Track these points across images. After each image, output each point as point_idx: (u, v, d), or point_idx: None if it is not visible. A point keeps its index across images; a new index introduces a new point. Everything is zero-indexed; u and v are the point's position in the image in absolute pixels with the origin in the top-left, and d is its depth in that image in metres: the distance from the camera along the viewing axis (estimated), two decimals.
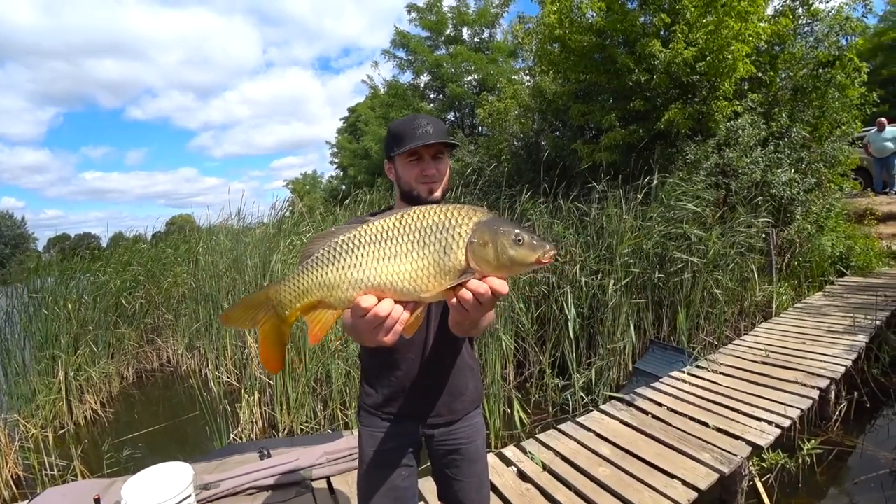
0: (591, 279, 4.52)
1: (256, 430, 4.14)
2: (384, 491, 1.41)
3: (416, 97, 12.60)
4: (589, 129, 6.43)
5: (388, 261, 0.66)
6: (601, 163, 5.43)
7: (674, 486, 2.25)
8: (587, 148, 5.70)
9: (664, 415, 3.00)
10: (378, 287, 0.65)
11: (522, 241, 0.64)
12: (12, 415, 4.14)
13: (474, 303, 0.67)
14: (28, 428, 4.04)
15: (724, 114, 5.20)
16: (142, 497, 2.15)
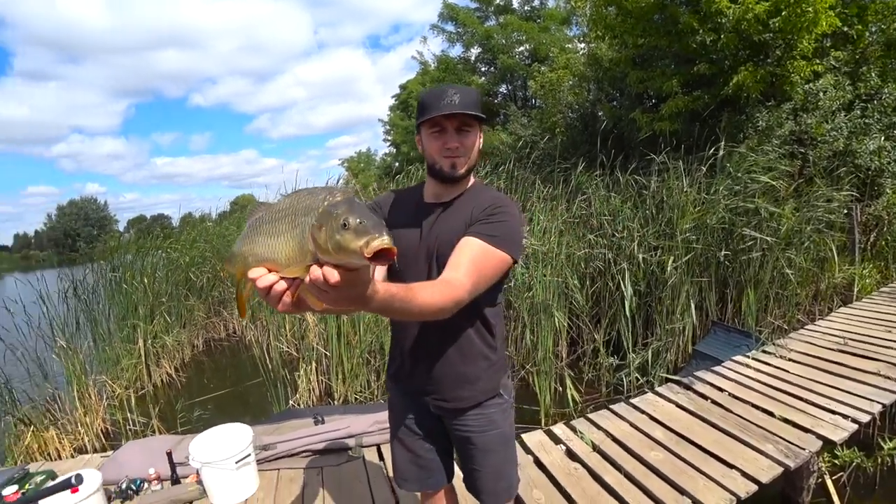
0: (650, 255, 4.30)
1: (313, 398, 4.33)
2: (410, 458, 1.43)
3: (467, 71, 12.36)
4: (648, 98, 6.03)
5: (273, 238, 0.68)
6: (661, 132, 5.08)
7: (732, 477, 2.13)
8: (646, 117, 5.36)
9: (725, 401, 2.83)
10: (265, 261, 0.68)
11: (348, 226, 0.59)
12: (101, 376, 4.57)
13: (314, 288, 0.63)
14: (114, 388, 4.46)
15: (802, 75, 4.69)
16: (207, 453, 2.32)
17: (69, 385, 4.14)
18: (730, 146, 4.53)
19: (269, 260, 0.68)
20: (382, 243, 0.58)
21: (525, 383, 3.96)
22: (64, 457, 3.49)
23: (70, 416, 3.87)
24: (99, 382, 4.45)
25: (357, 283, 0.63)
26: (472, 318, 1.25)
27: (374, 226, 0.58)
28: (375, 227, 0.58)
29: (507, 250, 1.14)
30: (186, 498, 2.39)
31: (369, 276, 0.65)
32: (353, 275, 0.61)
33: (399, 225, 1.29)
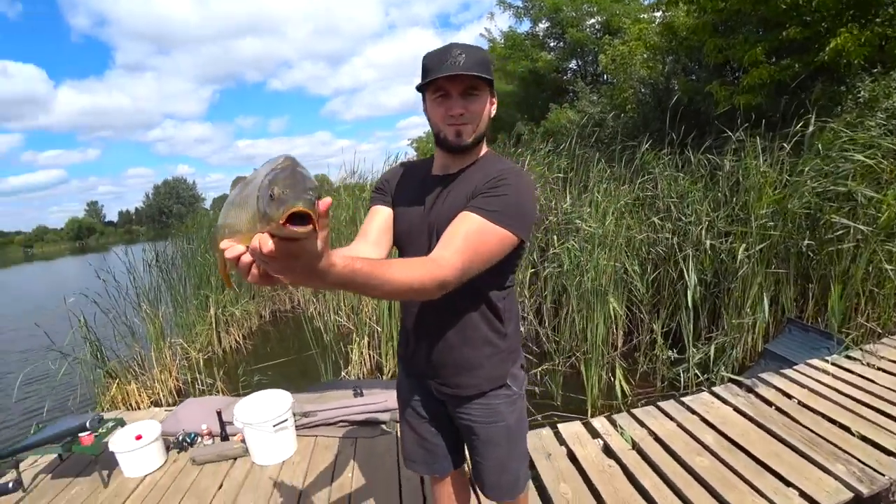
0: (719, 242, 3.94)
1: (364, 371, 4.47)
2: (416, 440, 1.39)
3: (535, 47, 11.86)
4: (729, 69, 5.44)
5: (237, 209, 0.65)
6: (741, 107, 4.57)
7: (787, 496, 1.89)
8: (725, 90, 4.83)
9: (791, 409, 2.52)
10: (235, 234, 0.65)
11: (273, 196, 0.55)
12: (178, 339, 5.02)
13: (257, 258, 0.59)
14: (188, 350, 4.88)
15: None
16: (248, 415, 2.46)
17: (151, 346, 4.59)
18: (821, 121, 3.98)
19: (238, 232, 0.66)
20: (296, 207, 0.53)
21: (575, 370, 3.82)
22: (142, 408, 3.89)
23: (149, 373, 4.29)
24: (175, 345, 4.89)
25: (299, 254, 0.59)
26: (475, 302, 1.17)
27: (294, 195, 0.54)
28: (296, 195, 0.54)
29: (508, 227, 1.01)
30: (232, 454, 2.57)
31: (315, 247, 0.60)
32: (293, 245, 0.57)
33: (404, 200, 1.23)
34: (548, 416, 3.23)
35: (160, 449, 2.58)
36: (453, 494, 1.51)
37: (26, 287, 19.05)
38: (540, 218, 4.78)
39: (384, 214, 1.24)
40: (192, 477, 2.43)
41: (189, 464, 2.54)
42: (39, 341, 4.57)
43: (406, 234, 1.21)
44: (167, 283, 6.05)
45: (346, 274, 0.70)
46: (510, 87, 12.58)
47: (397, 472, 2.29)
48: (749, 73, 4.63)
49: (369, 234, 1.20)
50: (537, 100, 11.73)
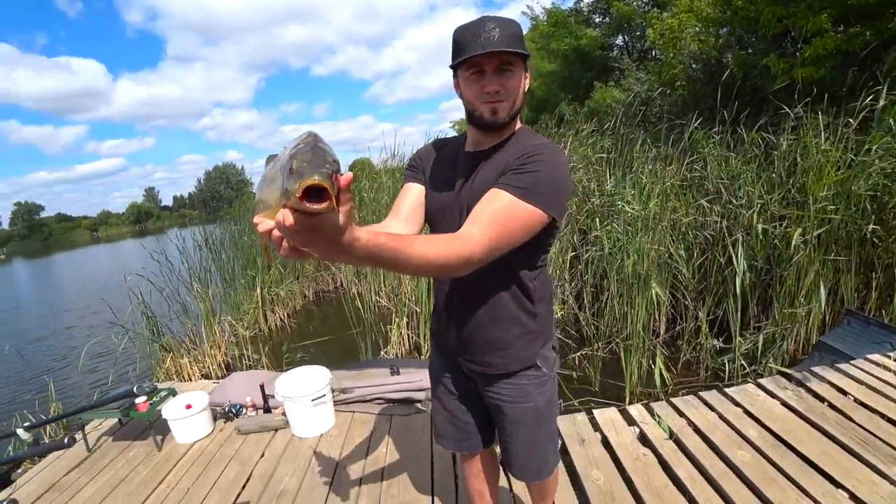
0: (772, 227, 3.71)
1: (402, 350, 4.56)
2: (447, 416, 1.42)
3: (580, 23, 11.44)
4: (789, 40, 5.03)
5: (269, 185, 0.66)
6: (802, 80, 4.23)
7: (835, 498, 1.77)
8: (784, 63, 4.48)
9: (846, 406, 2.36)
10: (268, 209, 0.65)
11: (292, 171, 0.56)
12: (227, 317, 5.28)
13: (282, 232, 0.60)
14: (236, 328, 5.13)
15: None
16: (289, 389, 2.57)
17: (202, 322, 4.86)
18: (894, 94, 3.63)
19: (269, 207, 0.69)
20: (312, 181, 0.54)
21: (614, 356, 3.75)
22: (193, 380, 4.14)
23: (200, 348, 4.54)
24: (224, 322, 5.15)
25: (321, 227, 0.60)
26: (505, 281, 1.16)
27: (310, 169, 0.55)
28: (312, 169, 0.55)
29: (538, 204, 0.98)
30: (273, 426, 2.69)
31: (336, 221, 0.61)
32: (314, 219, 0.58)
33: (436, 177, 1.22)
34: (584, 402, 3.20)
35: (208, 418, 2.75)
36: (482, 472, 1.53)
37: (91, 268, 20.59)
38: (581, 199, 4.66)
39: (416, 192, 1.24)
40: (236, 445, 2.57)
41: (234, 433, 2.68)
42: (103, 317, 4.94)
43: (437, 211, 1.21)
44: (217, 263, 6.37)
45: (371, 248, 0.71)
46: (553, 66, 12.22)
47: (430, 450, 2.33)
48: (812, 43, 4.28)
49: (401, 211, 1.21)
50: (581, 79, 11.34)
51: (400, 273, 1.22)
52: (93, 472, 2.45)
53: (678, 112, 6.02)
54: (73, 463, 2.54)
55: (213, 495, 2.18)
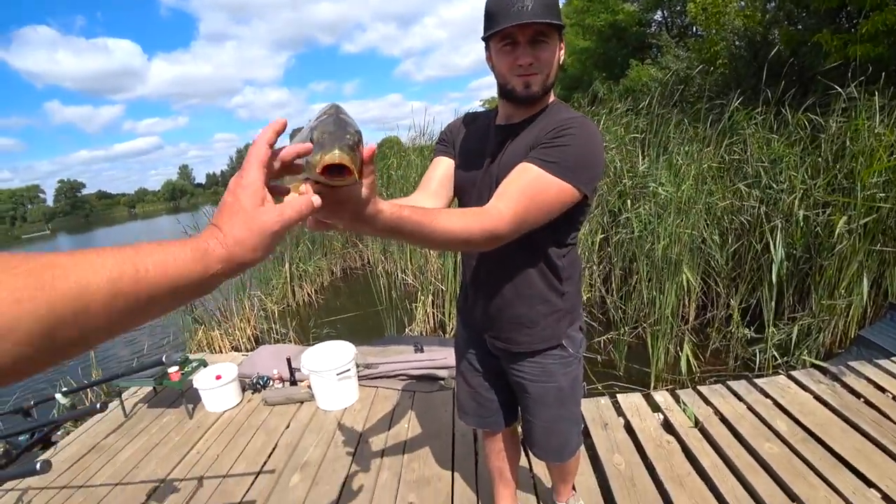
0: (815, 213, 3.54)
1: (427, 328, 4.60)
2: (470, 393, 1.42)
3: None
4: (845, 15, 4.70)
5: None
6: (857, 58, 3.96)
7: (866, 497, 1.71)
8: (838, 39, 4.20)
9: (884, 403, 2.26)
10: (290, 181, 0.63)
11: (313, 142, 0.54)
12: (256, 292, 5.42)
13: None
14: (265, 302, 5.26)
15: None
16: (314, 363, 2.63)
17: (233, 296, 5.00)
18: None
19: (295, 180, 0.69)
20: (332, 158, 0.52)
21: (640, 341, 3.69)
22: (224, 352, 4.28)
23: (230, 321, 4.69)
24: (254, 297, 5.28)
25: (344, 200, 0.59)
26: (533, 258, 1.14)
27: (331, 141, 0.54)
28: (332, 142, 0.54)
29: (568, 179, 0.95)
30: (299, 398, 2.77)
31: (359, 193, 0.60)
32: (337, 192, 0.58)
33: (466, 150, 1.20)
34: (609, 386, 3.17)
35: (237, 389, 2.85)
36: (503, 451, 1.54)
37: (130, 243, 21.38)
38: (613, 180, 4.54)
39: (445, 165, 1.22)
40: (263, 416, 2.66)
41: (261, 404, 2.78)
42: None
43: (466, 185, 1.19)
44: None
45: (394, 220, 0.70)
46: (587, 43, 11.83)
47: (451, 427, 2.36)
48: (870, 18, 3.98)
49: (429, 184, 1.20)
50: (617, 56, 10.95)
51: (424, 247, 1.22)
52: (129, 437, 2.58)
53: (718, 91, 5.75)
54: (112, 427, 2.69)
55: (240, 462, 2.27)
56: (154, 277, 0.40)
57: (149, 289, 0.40)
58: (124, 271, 0.38)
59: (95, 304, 0.36)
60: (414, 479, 2.02)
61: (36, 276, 0.34)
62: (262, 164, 0.53)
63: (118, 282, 0.38)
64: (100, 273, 0.37)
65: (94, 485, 2.19)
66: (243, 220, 0.47)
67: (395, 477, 2.04)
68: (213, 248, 0.45)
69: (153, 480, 2.19)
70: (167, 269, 0.41)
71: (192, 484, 2.13)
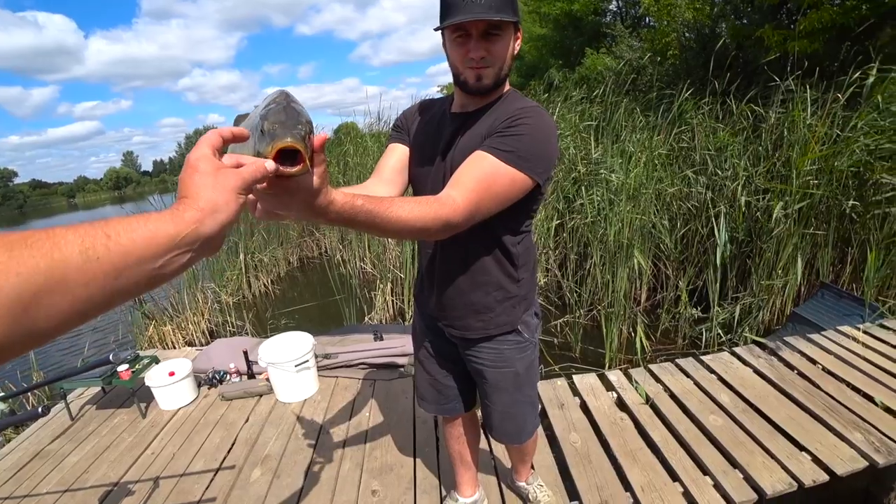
0: (756, 199, 3.75)
1: (386, 316, 4.59)
2: (429, 380, 1.44)
3: None
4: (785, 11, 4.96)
5: (241, 146, 0.62)
6: (794, 53, 4.20)
7: (799, 461, 1.87)
8: (778, 35, 4.44)
9: (814, 374, 2.45)
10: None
11: (264, 132, 0.54)
12: (210, 284, 5.23)
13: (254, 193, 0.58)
14: (219, 294, 5.09)
15: None
16: (272, 355, 2.57)
17: (184, 289, 4.80)
18: (885, 70, 3.62)
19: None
20: (285, 144, 0.52)
21: (595, 324, 3.82)
22: (177, 348, 4.12)
23: (183, 315, 4.51)
24: (207, 289, 5.09)
25: (295, 190, 0.58)
26: (488, 245, 1.15)
27: (282, 129, 0.53)
28: (284, 130, 0.53)
29: (522, 168, 0.96)
30: (258, 391, 2.71)
31: (310, 183, 0.59)
32: (287, 182, 0.56)
33: (421, 138, 1.19)
34: (565, 368, 3.28)
35: (192, 385, 2.75)
36: (463, 435, 1.57)
37: None
38: (567, 167, 4.64)
39: (400, 153, 1.21)
40: (220, 411, 2.59)
41: (218, 399, 2.70)
42: None
43: (421, 172, 1.18)
44: None
45: (347, 210, 0.69)
46: (544, 31, 11.92)
47: (412, 413, 2.38)
48: (808, 15, 4.22)
49: (383, 172, 1.18)
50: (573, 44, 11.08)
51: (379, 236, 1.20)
52: (77, 440, 2.45)
53: (669, 81, 5.95)
54: (57, 432, 2.54)
55: (198, 460, 2.20)
56: (126, 242, 0.40)
57: (122, 254, 0.39)
58: (96, 239, 0.38)
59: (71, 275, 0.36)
60: (377, 466, 2.03)
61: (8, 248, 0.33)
62: (211, 144, 0.53)
63: (90, 250, 0.37)
64: (72, 243, 0.37)
65: (40, 493, 2.07)
66: (205, 182, 0.48)
67: (357, 466, 2.04)
68: (183, 209, 0.46)
69: (105, 484, 2.09)
70: (137, 233, 0.41)
71: (148, 485, 2.05)
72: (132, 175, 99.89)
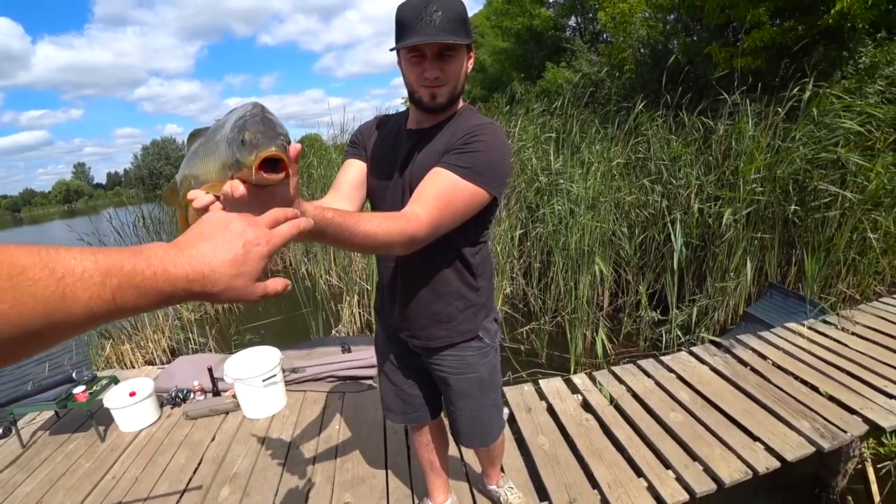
0: (708, 206, 3.96)
1: (354, 329, 4.55)
2: (394, 391, 1.46)
3: (534, 2, 11.45)
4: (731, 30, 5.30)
5: (205, 159, 0.65)
6: (739, 69, 4.49)
7: (752, 450, 1.99)
8: (724, 52, 4.73)
9: (765, 369, 2.62)
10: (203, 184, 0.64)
11: (245, 142, 0.56)
12: None
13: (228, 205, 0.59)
14: (180, 310, 4.92)
15: None
16: (238, 371, 2.52)
17: None
18: (818, 86, 3.92)
19: (206, 181, 0.66)
20: (269, 153, 0.54)
21: (560, 329, 3.91)
22: (136, 367, 3.96)
23: (142, 333, 4.33)
24: None
25: (269, 199, 0.59)
26: (448, 257, 1.19)
27: (266, 139, 0.55)
28: (268, 140, 0.55)
29: (480, 183, 1.01)
30: (224, 409, 2.65)
31: (288, 193, 0.61)
32: (265, 191, 0.58)
33: (378, 154, 1.22)
34: (532, 373, 3.34)
35: (154, 405, 2.66)
36: (432, 443, 1.59)
37: None
38: (529, 177, 4.77)
39: (357, 168, 1.23)
40: (185, 430, 2.51)
41: (182, 418, 2.62)
42: None
43: (379, 188, 1.21)
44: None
45: (318, 222, 0.70)
46: (506, 44, 12.24)
47: (383, 424, 2.38)
48: (751, 34, 4.52)
49: (341, 187, 1.20)
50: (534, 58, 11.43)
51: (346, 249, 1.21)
52: (29, 469, 2.32)
53: (625, 94, 6.22)
54: (7, 461, 2.40)
55: (162, 482, 2.13)
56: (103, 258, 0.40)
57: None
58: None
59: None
60: (348, 479, 2.02)
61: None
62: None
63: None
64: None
65: None
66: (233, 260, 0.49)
67: (328, 479, 2.03)
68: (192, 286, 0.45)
69: None
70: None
71: None
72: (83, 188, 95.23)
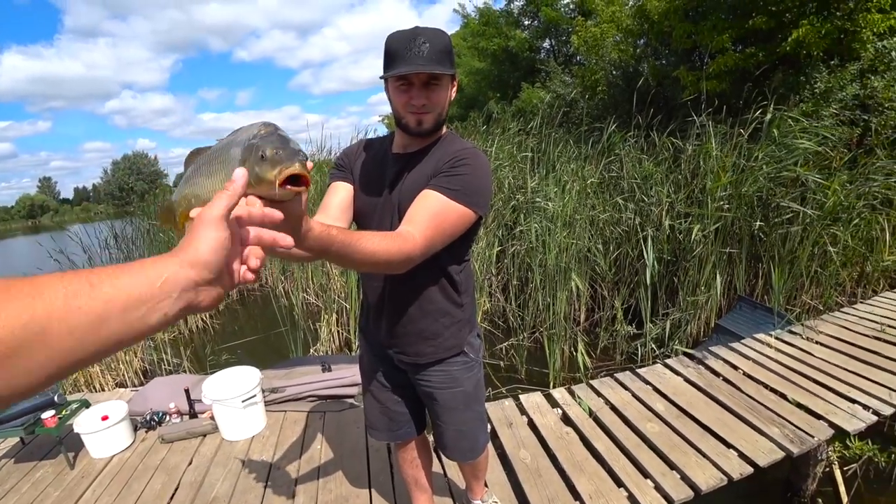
0: (679, 223, 4.11)
1: (333, 347, 4.52)
2: (380, 409, 1.47)
3: (510, 24, 11.79)
4: (697, 55, 5.58)
5: (210, 178, 0.65)
6: (707, 92, 4.72)
7: (727, 457, 2.06)
8: (692, 76, 4.97)
9: (736, 379, 2.72)
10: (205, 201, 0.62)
11: (265, 158, 0.57)
12: None
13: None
14: None
15: (876, 30, 4.17)
16: (217, 392, 2.48)
17: None
18: (778, 109, 4.15)
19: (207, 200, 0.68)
20: (293, 169, 0.55)
21: (538, 345, 3.97)
22: (106, 390, 3.83)
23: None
24: None
25: (286, 216, 0.60)
26: (435, 275, 1.23)
27: (288, 155, 0.57)
28: (290, 156, 0.56)
29: (468, 204, 1.08)
30: (201, 431, 2.58)
31: (301, 208, 0.63)
32: (280, 207, 0.59)
33: (365, 177, 1.26)
34: (512, 389, 3.37)
35: (128, 428, 2.58)
36: (417, 459, 1.60)
37: None
38: (507, 196, 4.87)
39: (345, 190, 1.26)
40: (161, 454, 2.44)
41: (158, 442, 2.54)
42: None
43: (368, 210, 1.24)
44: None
45: (324, 239, 0.73)
46: (483, 65, 12.52)
47: (365, 443, 2.37)
48: (716, 59, 4.77)
49: (330, 209, 1.23)
50: (510, 78, 11.71)
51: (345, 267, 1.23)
52: None
53: (598, 115, 6.44)
54: None
55: None
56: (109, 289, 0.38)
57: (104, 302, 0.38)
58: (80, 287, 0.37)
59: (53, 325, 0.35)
60: (331, 499, 2.00)
61: None
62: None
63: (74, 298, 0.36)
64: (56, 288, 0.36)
65: None
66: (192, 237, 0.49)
67: (311, 500, 2.00)
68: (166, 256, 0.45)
69: None
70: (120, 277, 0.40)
71: None
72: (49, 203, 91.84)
